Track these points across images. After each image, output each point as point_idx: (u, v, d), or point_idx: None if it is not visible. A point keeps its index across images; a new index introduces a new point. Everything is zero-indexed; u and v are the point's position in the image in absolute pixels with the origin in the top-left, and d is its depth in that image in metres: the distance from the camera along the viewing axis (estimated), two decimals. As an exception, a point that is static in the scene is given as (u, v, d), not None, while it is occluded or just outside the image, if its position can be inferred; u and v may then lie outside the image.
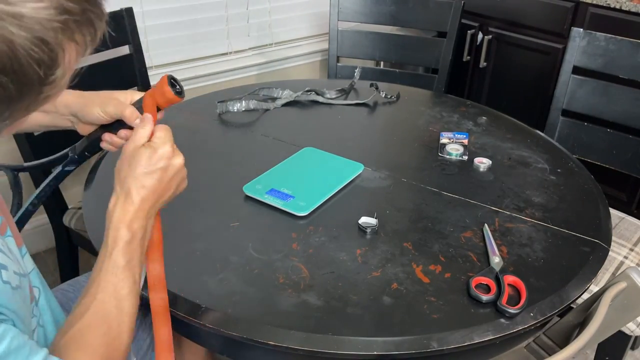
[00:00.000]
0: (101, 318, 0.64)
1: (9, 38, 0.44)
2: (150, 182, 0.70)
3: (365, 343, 0.75)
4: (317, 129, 1.34)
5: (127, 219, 0.68)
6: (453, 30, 1.82)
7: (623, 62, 1.47)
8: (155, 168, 0.70)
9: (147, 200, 0.70)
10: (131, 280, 0.67)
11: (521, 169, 1.18)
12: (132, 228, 0.68)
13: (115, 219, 0.68)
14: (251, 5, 2.24)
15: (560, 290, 0.85)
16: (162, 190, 0.71)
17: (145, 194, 0.69)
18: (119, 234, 0.67)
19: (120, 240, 0.67)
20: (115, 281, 0.66)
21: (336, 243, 0.94)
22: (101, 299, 0.64)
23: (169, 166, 0.71)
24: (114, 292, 0.65)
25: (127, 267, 0.67)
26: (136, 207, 0.69)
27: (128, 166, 0.70)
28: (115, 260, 0.66)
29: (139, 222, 0.69)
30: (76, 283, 1.02)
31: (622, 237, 1.41)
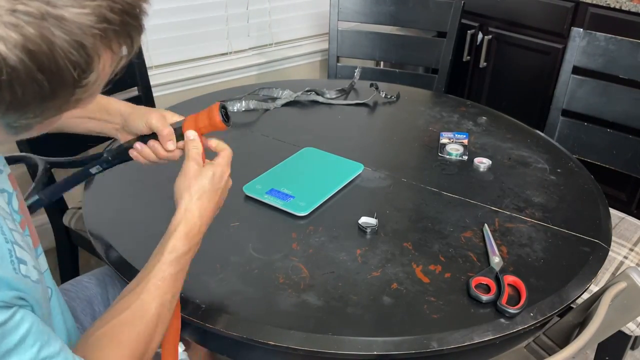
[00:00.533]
0: (140, 318, 0.65)
1: (50, 39, 0.46)
2: (213, 200, 0.75)
3: (365, 343, 0.75)
4: (317, 129, 1.34)
5: (191, 233, 0.72)
6: (453, 30, 1.82)
7: (623, 62, 1.47)
8: (218, 187, 0.77)
9: (206, 217, 0.75)
10: (175, 290, 0.70)
11: (521, 169, 1.18)
12: (191, 242, 0.72)
13: (180, 228, 0.71)
14: (251, 5, 2.24)
15: (560, 290, 0.85)
16: (217, 208, 0.78)
17: (209, 214, 0.75)
18: (179, 243, 0.71)
19: (178, 250, 0.70)
20: (162, 286, 0.68)
21: (336, 243, 0.94)
22: (144, 300, 0.66)
23: (227, 185, 0.79)
24: (159, 296, 0.67)
25: (176, 277, 0.70)
26: (199, 223, 0.73)
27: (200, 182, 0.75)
28: (167, 268, 0.69)
29: (197, 238, 0.73)
30: (78, 283, 1.02)
31: (622, 237, 1.41)
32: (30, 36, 0.45)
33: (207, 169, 0.76)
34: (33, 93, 0.48)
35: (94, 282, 1.01)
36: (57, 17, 0.46)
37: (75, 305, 0.96)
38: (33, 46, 0.45)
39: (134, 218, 0.99)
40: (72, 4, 0.46)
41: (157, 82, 2.03)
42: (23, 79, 0.46)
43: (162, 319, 0.68)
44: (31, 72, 0.46)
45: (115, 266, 0.88)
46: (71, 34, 0.47)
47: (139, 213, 1.01)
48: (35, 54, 0.45)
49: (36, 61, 0.46)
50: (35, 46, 0.45)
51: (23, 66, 0.45)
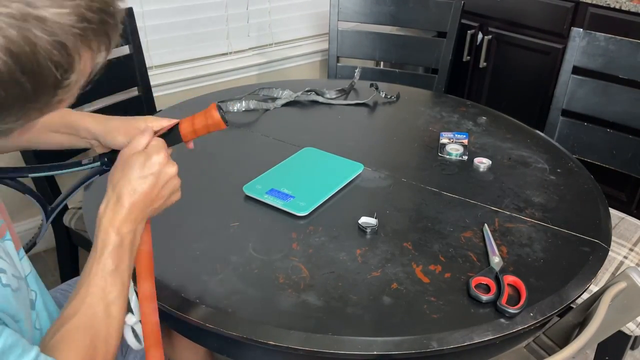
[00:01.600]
0: (89, 321, 0.64)
1: (32, 40, 0.46)
2: (141, 187, 0.70)
3: (365, 343, 0.75)
4: (317, 129, 1.34)
5: (116, 223, 0.68)
6: (453, 30, 1.82)
7: (623, 62, 1.47)
8: (147, 173, 0.70)
9: (137, 204, 0.70)
10: (119, 284, 0.67)
11: (521, 169, 1.18)
12: (121, 232, 0.68)
13: (104, 222, 0.68)
14: (251, 5, 2.24)
15: (560, 290, 0.85)
16: (154, 197, 0.72)
17: (136, 198, 0.69)
18: (108, 237, 0.67)
19: (109, 244, 0.67)
20: (103, 285, 0.66)
21: (336, 243, 0.94)
22: (89, 303, 0.65)
23: (161, 173, 0.72)
24: (103, 296, 0.65)
25: (116, 271, 0.67)
26: (126, 211, 0.69)
27: (121, 171, 0.71)
28: (104, 264, 0.66)
29: (128, 226, 0.69)
30: (74, 283, 1.02)
31: (622, 237, 1.41)
32: (12, 38, 0.45)
33: (136, 155, 0.71)
34: (15, 95, 0.47)
35: None
36: (38, 17, 0.46)
37: None
38: (15, 48, 0.45)
39: (134, 218, 0.99)
40: (51, 4, 0.46)
41: (157, 82, 2.03)
42: (6, 81, 0.46)
43: (114, 316, 0.66)
44: (14, 74, 0.46)
45: (115, 266, 0.88)
46: (52, 34, 0.47)
47: (139, 213, 1.01)
48: (18, 55, 0.45)
49: (19, 63, 0.46)
50: (18, 48, 0.45)
51: (6, 68, 0.45)
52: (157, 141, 0.74)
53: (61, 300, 0.97)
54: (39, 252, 1.97)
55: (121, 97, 1.66)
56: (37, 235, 0.80)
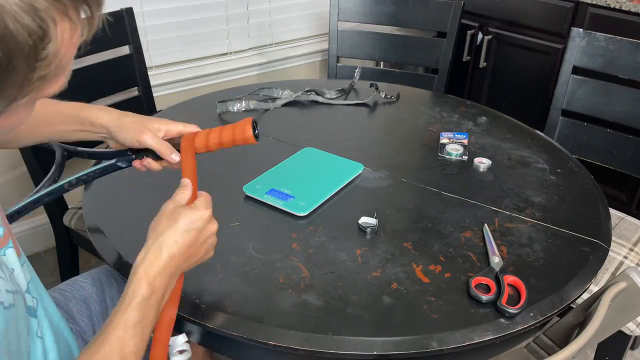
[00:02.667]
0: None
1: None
2: (183, 240, 0.70)
3: (365, 343, 0.75)
4: (317, 129, 1.34)
5: (151, 274, 0.67)
6: (453, 30, 1.82)
7: (623, 62, 1.47)
8: (192, 227, 0.70)
9: (175, 258, 0.69)
10: (139, 338, 0.65)
11: (521, 169, 1.18)
12: (154, 285, 0.67)
13: (140, 272, 0.67)
14: (251, 5, 2.24)
15: (560, 290, 0.85)
16: (193, 252, 0.72)
17: (175, 251, 0.69)
18: (139, 288, 0.66)
19: (138, 296, 0.66)
20: (123, 337, 0.64)
21: (336, 243, 0.94)
22: (105, 353, 0.63)
23: (204, 229, 0.72)
24: (119, 348, 0.63)
25: (139, 324, 0.65)
26: (163, 264, 0.68)
27: (166, 222, 0.70)
28: (129, 316, 0.65)
29: (162, 280, 0.68)
30: (74, 283, 1.02)
31: (622, 237, 1.41)
32: None
33: (184, 209, 0.71)
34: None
35: (89, 282, 1.01)
36: None
37: (72, 305, 0.96)
38: None
39: (134, 218, 0.99)
40: None
41: (157, 82, 2.03)
42: None
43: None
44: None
45: (115, 266, 0.88)
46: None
47: (139, 212, 1.01)
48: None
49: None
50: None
51: None
52: (204, 197, 0.74)
53: (59, 300, 0.97)
54: (39, 252, 1.97)
55: (121, 97, 1.66)
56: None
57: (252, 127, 0.80)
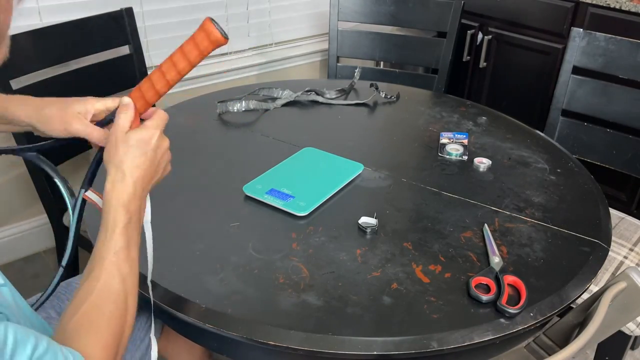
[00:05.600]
0: (107, 298, 0.65)
1: None
2: (143, 162, 0.71)
3: (365, 343, 0.75)
4: (317, 129, 1.34)
5: (125, 201, 0.69)
6: (453, 30, 1.82)
7: (623, 62, 1.47)
8: (147, 149, 0.72)
9: (140, 181, 0.71)
10: (131, 259, 0.69)
11: (521, 169, 1.18)
12: (130, 210, 0.70)
13: (114, 201, 0.69)
14: (251, 5, 2.24)
15: (560, 290, 0.85)
16: (153, 170, 0.74)
17: (139, 175, 0.71)
18: (118, 215, 0.69)
19: (119, 222, 0.68)
20: (117, 262, 0.67)
21: (336, 243, 0.94)
22: (105, 280, 0.66)
23: (158, 147, 0.73)
24: (118, 272, 0.67)
25: (127, 248, 0.68)
26: (132, 189, 0.70)
27: (122, 149, 0.71)
28: (116, 242, 0.68)
29: (135, 203, 0.70)
30: (69, 285, 1.02)
31: (622, 237, 1.41)
32: None
33: (131, 134, 0.72)
34: None
35: None
36: None
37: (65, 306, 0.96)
38: None
39: (134, 218, 0.99)
40: None
41: (157, 82, 2.02)
42: None
43: (129, 292, 0.67)
44: None
45: (115, 266, 0.88)
46: None
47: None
48: None
49: None
50: None
51: None
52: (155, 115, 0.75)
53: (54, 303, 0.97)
54: (39, 252, 1.97)
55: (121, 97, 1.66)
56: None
57: (213, 24, 0.73)
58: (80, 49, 1.54)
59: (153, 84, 0.75)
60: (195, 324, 0.78)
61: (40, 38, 1.45)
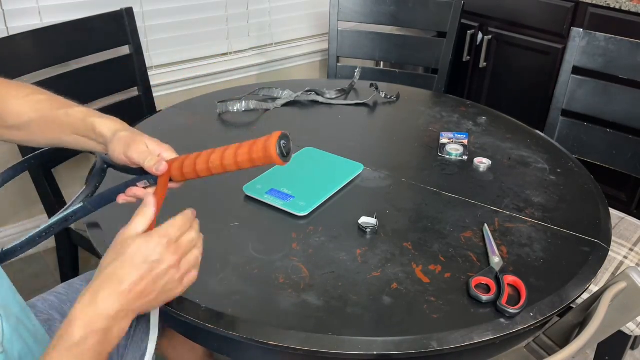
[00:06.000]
0: None
1: None
2: (129, 275, 0.60)
3: (365, 343, 0.75)
4: (317, 129, 1.34)
5: (85, 316, 0.57)
6: (453, 30, 1.82)
7: (623, 62, 1.47)
8: (139, 262, 0.60)
9: (117, 298, 0.59)
10: None
11: (521, 169, 1.18)
12: (88, 329, 0.57)
13: (75, 311, 0.57)
14: (251, 5, 2.24)
15: (560, 290, 0.85)
16: (143, 289, 0.61)
17: (118, 291, 0.59)
18: (69, 331, 0.56)
19: (66, 339, 0.56)
20: None
21: (336, 243, 0.94)
22: None
23: (155, 266, 0.61)
24: None
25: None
26: (102, 306, 0.58)
27: (113, 254, 0.61)
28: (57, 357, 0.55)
29: (100, 324, 0.57)
30: (70, 286, 1.02)
31: (622, 237, 1.41)
32: None
33: (133, 240, 0.61)
34: None
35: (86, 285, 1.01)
36: None
37: (66, 308, 0.96)
38: None
39: (134, 218, 0.99)
40: None
41: (157, 82, 2.03)
42: None
43: None
44: None
45: (115, 266, 0.88)
46: None
47: (139, 213, 1.01)
48: None
49: None
50: None
51: None
52: (169, 223, 0.64)
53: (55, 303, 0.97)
54: (38, 252, 1.97)
55: (121, 97, 1.66)
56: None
57: (277, 143, 0.65)
58: (80, 49, 1.54)
59: (195, 162, 0.72)
60: (195, 324, 0.78)
61: (40, 38, 1.45)
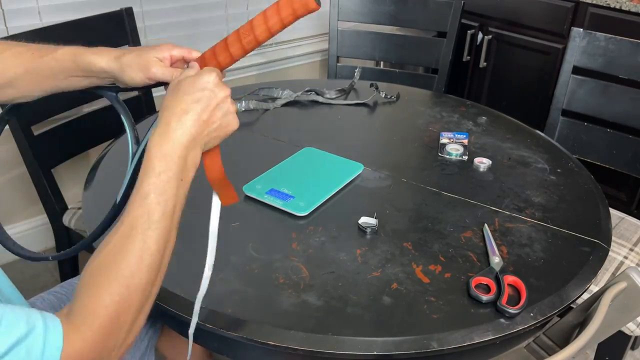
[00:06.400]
0: (119, 252, 0.59)
1: None
2: (192, 109, 0.64)
3: (365, 343, 0.75)
4: (317, 129, 1.34)
5: (163, 149, 0.62)
6: (453, 30, 1.82)
7: (623, 62, 1.47)
8: (199, 95, 0.65)
9: (187, 128, 0.63)
10: (160, 212, 0.60)
11: (521, 169, 1.18)
12: (167, 158, 0.62)
13: (152, 151, 0.62)
14: (251, 5, 2.24)
15: (560, 290, 0.85)
16: (206, 120, 0.65)
17: (186, 121, 0.63)
18: (151, 165, 0.61)
19: (151, 173, 0.61)
20: (140, 214, 0.59)
21: (336, 243, 0.94)
22: (122, 232, 0.59)
23: (213, 94, 0.66)
24: (138, 224, 0.59)
25: (157, 200, 0.60)
26: (175, 136, 0.62)
27: (171, 96, 0.66)
28: (143, 193, 0.60)
29: (176, 152, 0.62)
30: (69, 285, 1.02)
31: (622, 237, 1.41)
32: None
33: (186, 78, 0.66)
34: None
35: None
36: None
37: None
38: None
39: (134, 218, 0.99)
40: None
41: (157, 82, 2.02)
42: None
43: (147, 246, 0.59)
44: None
45: (115, 266, 0.88)
46: None
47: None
48: None
49: None
50: None
51: None
52: (210, 68, 0.70)
53: (54, 303, 0.97)
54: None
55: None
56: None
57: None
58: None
59: (228, 45, 0.71)
60: (196, 324, 0.78)
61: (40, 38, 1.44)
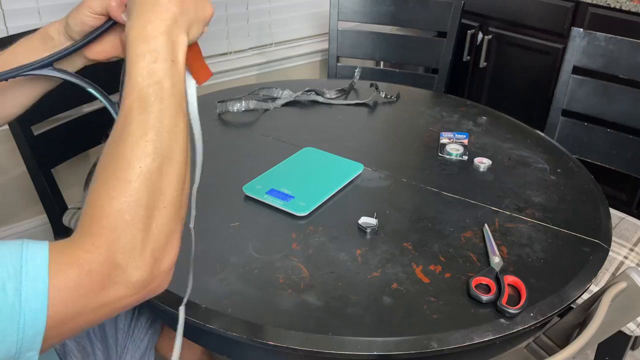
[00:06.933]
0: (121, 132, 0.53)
1: None
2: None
3: (365, 343, 0.75)
4: (317, 129, 1.34)
5: (144, 32, 0.55)
6: (453, 30, 1.82)
7: (623, 62, 1.47)
8: None
9: (165, 4, 0.57)
10: (153, 94, 0.54)
11: (521, 169, 1.18)
12: (149, 39, 0.55)
13: (130, 35, 0.55)
14: (251, 5, 2.24)
15: (560, 290, 0.85)
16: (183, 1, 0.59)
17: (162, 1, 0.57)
18: (134, 51, 0.54)
19: (135, 58, 0.54)
20: (131, 100, 0.53)
21: (336, 243, 0.93)
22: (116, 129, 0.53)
23: None
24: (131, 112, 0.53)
25: (146, 82, 0.54)
26: (154, 17, 0.56)
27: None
28: (133, 80, 0.54)
29: (159, 30, 0.56)
30: None
31: (622, 237, 1.41)
32: None
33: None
34: None
35: None
36: None
37: None
38: None
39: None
40: None
41: (157, 82, 2.02)
42: None
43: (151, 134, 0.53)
44: None
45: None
46: None
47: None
48: None
49: None
50: None
51: None
52: None
53: None
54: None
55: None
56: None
57: None
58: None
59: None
60: (195, 324, 0.78)
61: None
